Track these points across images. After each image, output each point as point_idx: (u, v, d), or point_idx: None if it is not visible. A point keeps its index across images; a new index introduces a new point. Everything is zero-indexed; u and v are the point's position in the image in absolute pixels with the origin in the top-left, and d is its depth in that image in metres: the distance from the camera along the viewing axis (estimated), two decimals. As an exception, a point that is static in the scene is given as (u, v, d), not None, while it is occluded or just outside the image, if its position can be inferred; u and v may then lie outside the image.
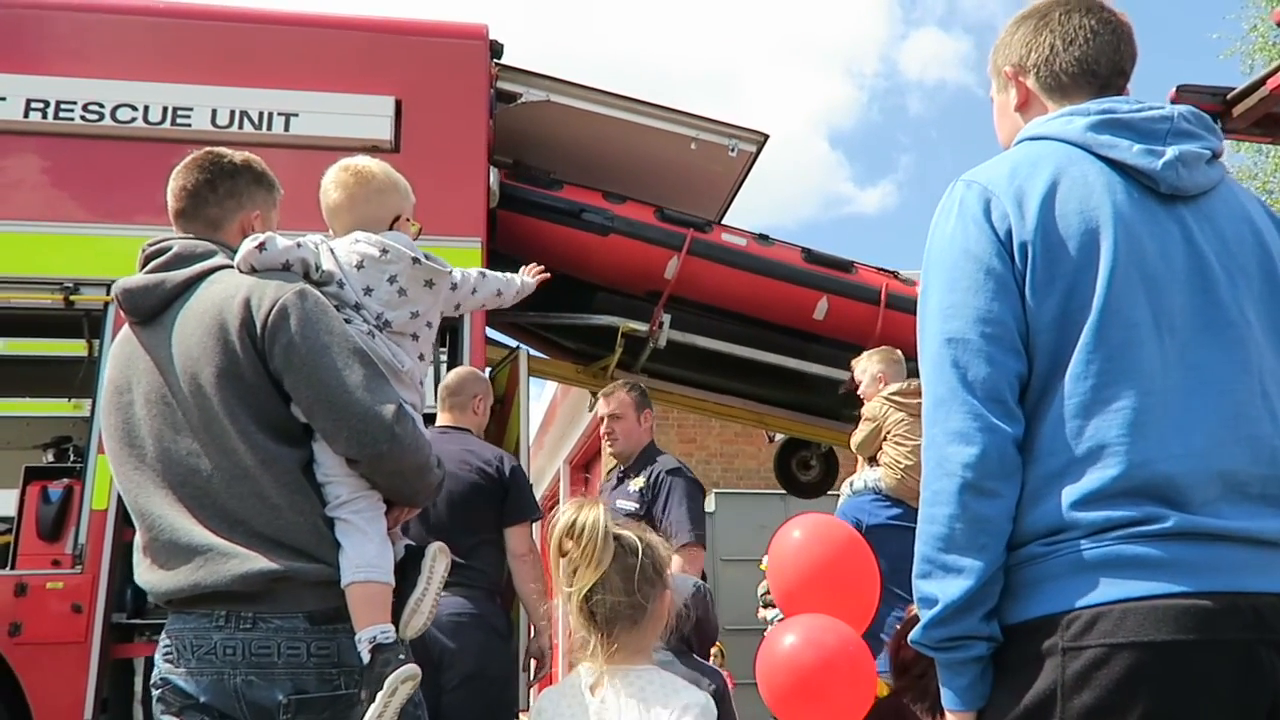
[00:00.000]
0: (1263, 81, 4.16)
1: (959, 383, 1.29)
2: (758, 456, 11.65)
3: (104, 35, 4.73)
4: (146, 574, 1.82)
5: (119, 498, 4.10)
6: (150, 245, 1.96)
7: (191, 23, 4.83)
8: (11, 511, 4.13)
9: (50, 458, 4.41)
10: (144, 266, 1.94)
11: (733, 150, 5.77)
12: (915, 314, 5.21)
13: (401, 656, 1.74)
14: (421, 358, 2.07)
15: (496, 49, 5.10)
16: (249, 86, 4.67)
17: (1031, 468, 1.29)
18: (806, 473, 7.38)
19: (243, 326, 1.78)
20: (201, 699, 1.74)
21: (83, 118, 4.49)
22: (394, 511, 1.92)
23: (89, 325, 4.34)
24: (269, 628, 1.72)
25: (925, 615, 1.29)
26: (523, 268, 2.54)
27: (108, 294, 4.34)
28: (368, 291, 1.97)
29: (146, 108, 4.55)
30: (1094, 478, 1.24)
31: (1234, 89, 4.33)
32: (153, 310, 1.89)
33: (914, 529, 1.35)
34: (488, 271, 2.30)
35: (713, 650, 5.28)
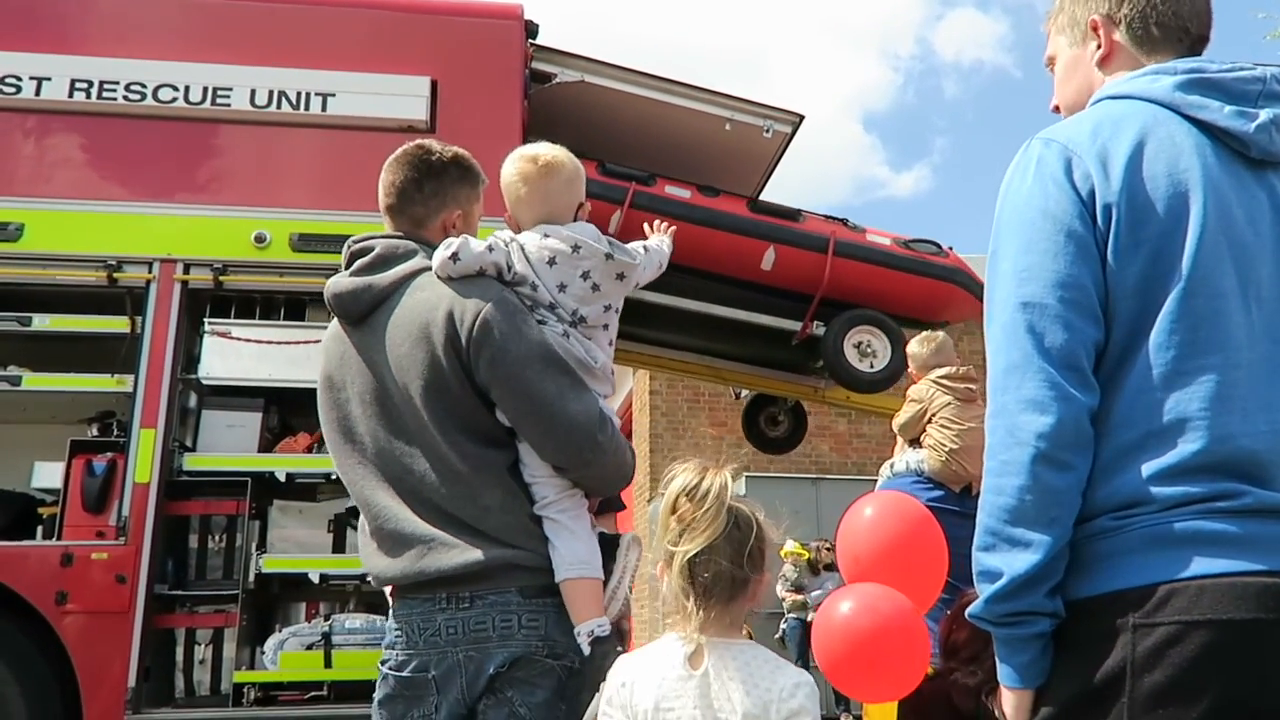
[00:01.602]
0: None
1: (1034, 348, 1.24)
2: (788, 440, 11.62)
3: (146, 17, 4.77)
4: (373, 558, 1.92)
5: (161, 470, 4.19)
6: (354, 243, 2.02)
7: (231, 4, 4.87)
8: (58, 484, 4.22)
9: (94, 432, 4.49)
10: (348, 265, 2.01)
11: (768, 131, 5.72)
12: (863, 261, 5.14)
13: (620, 649, 1.83)
14: (610, 344, 2.12)
15: (531, 29, 5.09)
16: (287, 67, 4.70)
17: (1105, 439, 1.24)
18: (775, 428, 7.34)
19: (448, 341, 1.85)
20: (431, 673, 1.83)
21: (125, 98, 4.54)
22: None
23: (131, 302, 4.41)
24: (485, 604, 1.81)
25: (987, 589, 1.25)
26: (652, 226, 2.41)
27: (149, 271, 4.43)
28: (561, 288, 1.99)
29: (187, 88, 4.59)
30: (1174, 452, 1.20)
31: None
32: (361, 314, 1.97)
33: (955, 512, 1.32)
34: (649, 245, 2.25)
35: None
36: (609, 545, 1.98)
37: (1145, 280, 1.25)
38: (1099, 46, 1.47)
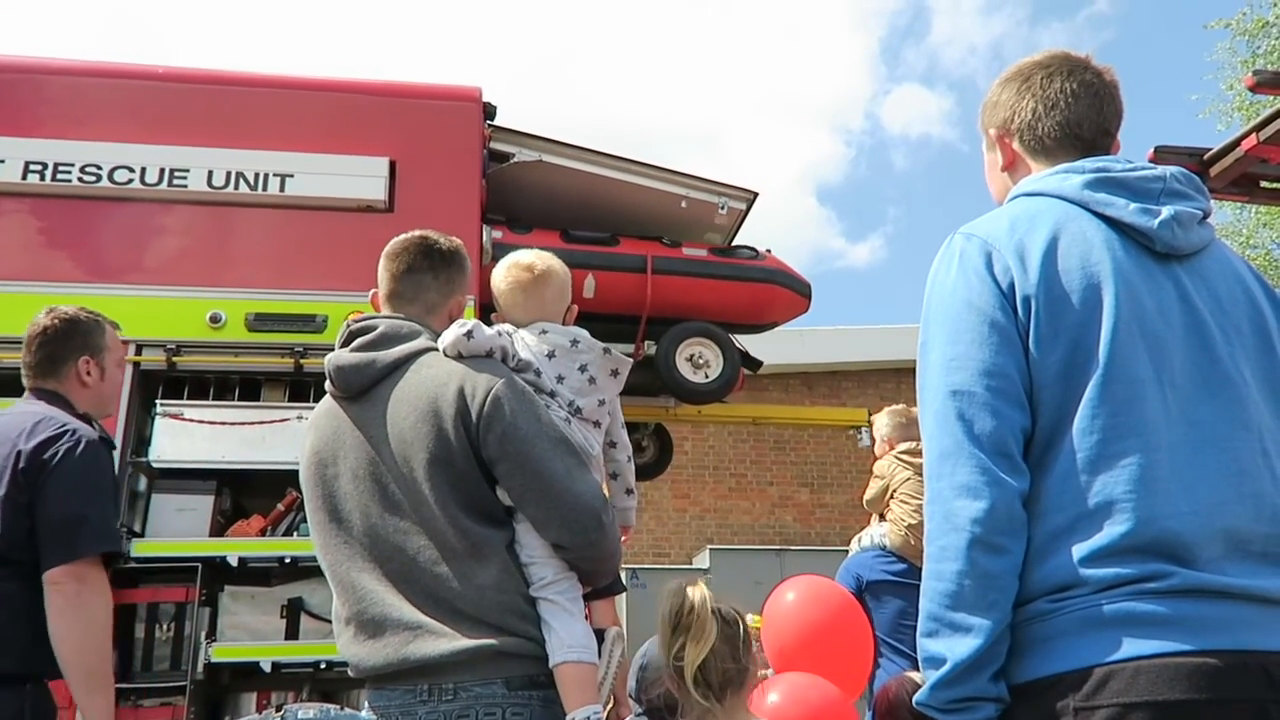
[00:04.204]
0: (1238, 143, 4.26)
1: (965, 436, 1.28)
2: (752, 512, 11.60)
3: (101, 99, 4.79)
4: (352, 646, 1.86)
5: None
6: (355, 321, 2.02)
7: (188, 86, 4.90)
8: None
9: (38, 518, 4.35)
10: (346, 342, 2.00)
11: (723, 208, 5.84)
12: (681, 275, 5.21)
13: None
14: (613, 444, 2.18)
15: (489, 110, 5.17)
16: (245, 148, 4.73)
17: (1037, 523, 1.27)
18: (642, 455, 7.32)
19: (458, 415, 1.85)
20: None
21: (80, 179, 4.53)
22: None
23: (81, 385, 4.33)
24: (469, 695, 1.76)
25: (932, 676, 1.27)
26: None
27: (101, 353, 4.36)
28: (560, 380, 2.04)
29: (144, 169, 4.59)
30: (1103, 534, 1.23)
31: (1210, 149, 4.43)
32: (362, 388, 1.95)
33: (915, 585, 1.33)
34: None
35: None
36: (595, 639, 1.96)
37: (1066, 368, 1.30)
38: (1001, 155, 1.57)
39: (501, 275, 2.16)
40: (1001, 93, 1.56)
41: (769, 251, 6.08)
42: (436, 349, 1.96)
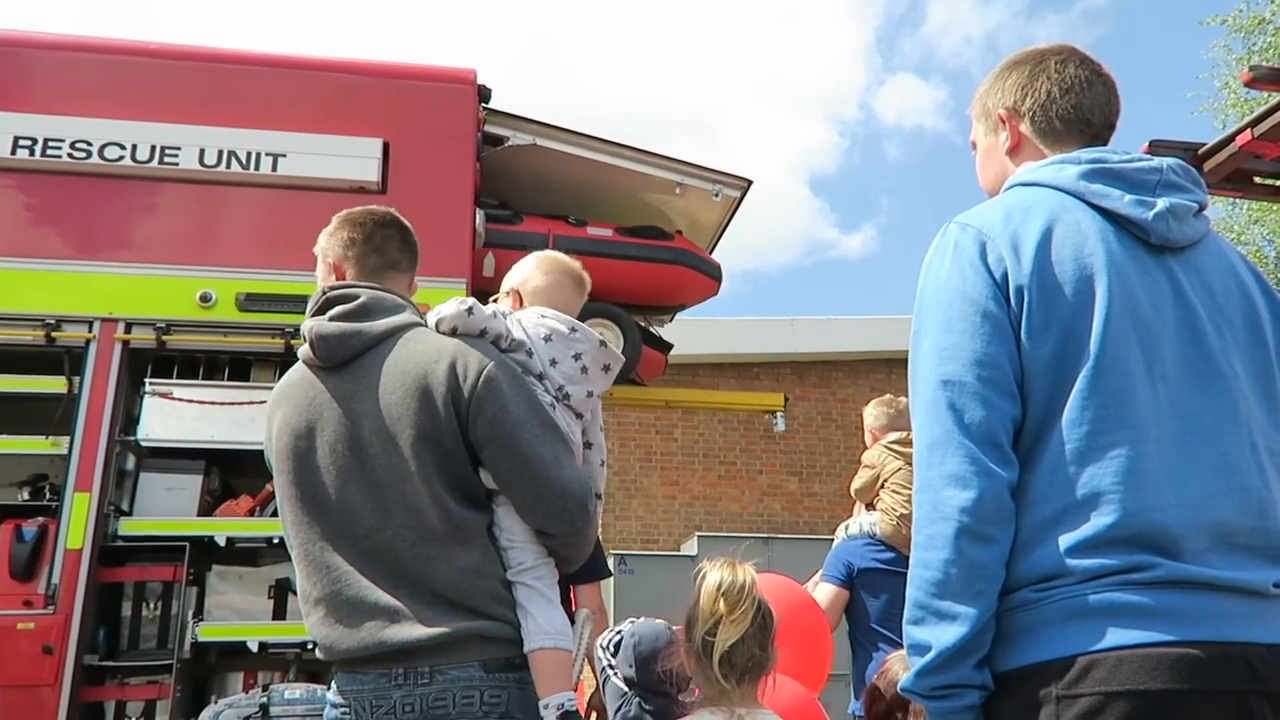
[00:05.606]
0: (1232, 138, 4.27)
1: (955, 425, 1.28)
2: (740, 499, 11.63)
3: (93, 75, 4.75)
4: (323, 628, 1.82)
5: (94, 535, 4.05)
6: (333, 290, 1.96)
7: (180, 64, 4.86)
8: (-16, 550, 4.06)
9: (26, 496, 4.34)
10: (323, 310, 1.93)
11: (717, 195, 5.82)
12: (585, 255, 5.18)
13: None
14: (589, 445, 2.14)
15: (484, 93, 5.14)
16: (237, 127, 4.69)
17: (1025, 513, 1.28)
18: None
19: (449, 394, 1.81)
20: None
21: (70, 155, 4.49)
22: None
23: (70, 362, 4.31)
24: (445, 679, 1.73)
25: (917, 663, 1.27)
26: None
27: (90, 330, 4.34)
28: (553, 364, 2.03)
29: (134, 146, 4.55)
30: (1089, 525, 1.24)
31: (1205, 144, 4.44)
32: (344, 360, 1.90)
33: (905, 574, 1.34)
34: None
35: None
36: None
37: (1057, 359, 1.30)
38: (1008, 137, 1.55)
39: (552, 263, 2.22)
40: (1011, 75, 1.56)
41: (679, 233, 6.00)
42: (422, 324, 1.93)
